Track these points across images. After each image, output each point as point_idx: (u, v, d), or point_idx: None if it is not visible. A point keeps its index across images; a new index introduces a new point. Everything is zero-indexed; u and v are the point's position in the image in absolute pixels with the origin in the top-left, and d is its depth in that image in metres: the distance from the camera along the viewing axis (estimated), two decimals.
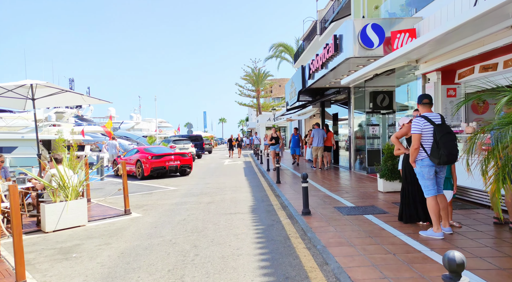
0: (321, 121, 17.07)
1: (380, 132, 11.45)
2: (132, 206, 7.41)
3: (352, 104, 12.31)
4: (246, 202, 7.37)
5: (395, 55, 6.27)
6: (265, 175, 12.21)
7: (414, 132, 4.06)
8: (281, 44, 32.46)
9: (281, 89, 71.65)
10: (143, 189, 10.03)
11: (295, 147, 13.89)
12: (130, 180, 12.34)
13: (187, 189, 9.76)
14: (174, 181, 11.82)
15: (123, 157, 14.17)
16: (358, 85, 11.87)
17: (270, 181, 10.23)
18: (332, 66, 8.95)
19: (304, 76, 12.37)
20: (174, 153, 13.17)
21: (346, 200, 6.83)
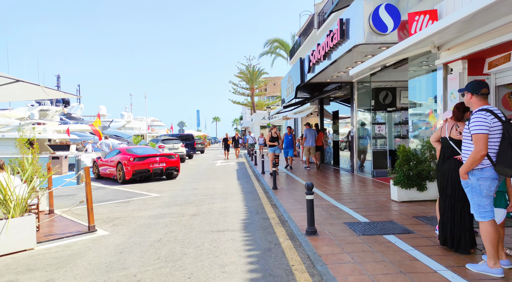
0: (319, 119, 16.00)
1: (387, 132, 10.38)
2: (101, 219, 6.21)
3: (356, 101, 11.23)
4: (237, 214, 6.22)
5: (415, 40, 5.15)
6: (259, 179, 11.07)
7: (479, 132, 2.93)
8: (276, 40, 31.32)
9: (276, 88, 70.59)
10: (120, 196, 8.82)
11: (288, 149, 12.67)
12: (110, 185, 11.11)
13: (171, 196, 8.57)
14: (159, 185, 10.61)
15: (103, 159, 12.91)
16: (362, 80, 10.79)
17: (266, 187, 9.10)
18: (337, 56, 7.84)
19: (302, 70, 11.25)
20: (159, 154, 11.96)
21: (356, 212, 5.72)
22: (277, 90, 68.86)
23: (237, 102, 53.62)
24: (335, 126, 14.22)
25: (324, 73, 9.71)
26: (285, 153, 12.69)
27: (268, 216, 6.04)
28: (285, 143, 12.40)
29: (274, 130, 11.50)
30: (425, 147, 6.36)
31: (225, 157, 21.99)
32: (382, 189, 7.90)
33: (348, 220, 5.24)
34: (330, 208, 6.15)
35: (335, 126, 14.20)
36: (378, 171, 9.93)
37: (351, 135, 11.48)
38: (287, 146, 12.50)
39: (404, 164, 6.38)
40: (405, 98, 12.94)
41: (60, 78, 47.41)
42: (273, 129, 11.48)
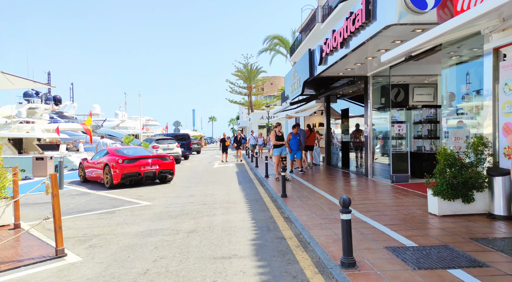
0: (325, 118, 14.89)
1: (406, 132, 9.28)
2: (76, 238, 5.02)
3: (371, 97, 10.12)
4: (244, 232, 5.07)
5: (468, 18, 4.06)
6: (263, 183, 9.92)
7: None
8: (276, 36, 30.20)
9: (273, 87, 69.56)
10: (105, 204, 7.61)
11: (296, 151, 11.46)
12: (96, 190, 9.90)
13: (164, 205, 7.39)
14: (150, 191, 9.42)
15: (90, 160, 11.67)
16: (378, 74, 9.69)
17: (273, 194, 7.95)
18: (358, 42, 6.71)
19: (312, 62, 10.12)
20: (152, 155, 10.75)
21: (392, 230, 4.60)
22: (274, 90, 67.85)
23: (234, 102, 52.49)
24: (344, 126, 13.11)
25: (338, 64, 8.59)
26: (292, 155, 11.45)
27: (283, 234, 4.88)
28: (293, 145, 11.22)
29: (278, 128, 10.33)
30: (472, 148, 5.25)
31: (222, 158, 19.94)
32: (410, 198, 6.79)
33: (389, 243, 4.11)
34: (359, 224, 5.02)
35: (345, 125, 13.10)
36: (398, 176, 8.84)
37: (365, 135, 10.38)
38: (295, 148, 11.32)
39: (446, 169, 5.27)
40: (419, 96, 11.92)
41: (50, 75, 45.77)
42: (278, 127, 10.30)
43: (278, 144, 9.86)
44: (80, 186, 10.92)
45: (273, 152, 10.16)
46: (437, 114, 9.39)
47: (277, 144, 9.84)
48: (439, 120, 9.64)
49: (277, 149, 9.90)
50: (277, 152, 9.90)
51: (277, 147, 9.89)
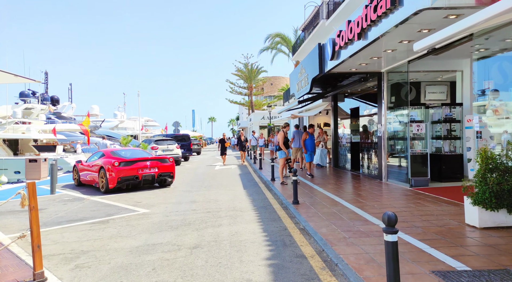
0: (332, 118, 14.21)
1: (425, 132, 8.59)
2: (61, 256, 4.32)
3: (385, 95, 9.44)
4: (257, 247, 4.38)
5: None
6: (270, 187, 9.22)
7: None
8: (278, 34, 29.52)
9: (273, 88, 68.93)
10: (98, 212, 6.91)
11: (312, 152, 10.78)
12: (90, 195, 9.20)
13: (163, 212, 6.69)
14: (149, 196, 8.72)
15: (84, 163, 10.97)
16: (394, 70, 9.02)
17: (282, 200, 7.25)
18: (380, 32, 6.03)
19: (322, 58, 9.44)
20: (150, 157, 10.05)
21: (433, 248, 3.91)
22: (274, 90, 67.20)
23: (234, 102, 51.84)
24: (354, 125, 12.43)
25: (352, 59, 7.91)
26: (308, 157, 10.72)
27: (302, 251, 4.19)
28: (309, 146, 10.52)
29: (287, 129, 9.68)
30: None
31: (223, 162, 18.34)
32: (438, 205, 6.10)
33: (434, 265, 3.42)
34: None
35: (354, 125, 12.41)
36: (417, 180, 8.15)
37: (379, 136, 9.70)
38: (311, 149, 10.60)
39: (487, 173, 4.59)
40: (432, 94, 11.23)
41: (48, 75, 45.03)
42: (286, 128, 9.65)
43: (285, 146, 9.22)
44: (74, 190, 10.21)
45: (279, 154, 9.48)
46: (461, 112, 8.73)
47: (285, 146, 9.19)
48: (459, 119, 8.99)
49: (282, 152, 9.26)
50: (284, 154, 9.26)
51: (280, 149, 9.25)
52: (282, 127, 9.87)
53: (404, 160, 8.71)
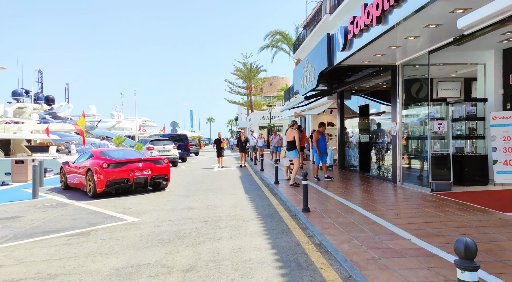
0: (339, 116, 13.39)
1: (447, 130, 7.78)
2: (22, 281, 3.47)
3: (400, 91, 8.63)
4: (266, 271, 3.54)
5: None
6: (275, 191, 8.38)
7: None
8: (278, 32, 28.71)
9: (272, 88, 68.23)
10: (81, 221, 6.05)
11: (325, 153, 9.85)
12: (76, 199, 8.34)
13: (154, 222, 5.84)
14: (140, 201, 7.86)
15: (72, 164, 10.10)
16: (412, 62, 8.20)
17: (290, 206, 6.41)
18: (404, 14, 5.21)
19: (331, 49, 8.62)
20: (143, 159, 9.19)
21: (491, 274, 3.08)
22: (273, 90, 66.44)
23: (233, 102, 51.06)
24: (363, 124, 11.62)
25: (367, 49, 7.09)
26: (318, 159, 9.79)
27: (324, 277, 3.35)
28: (321, 145, 9.66)
29: (295, 127, 8.93)
30: None
31: (218, 165, 16.30)
32: (472, 215, 5.27)
33: None
34: (430, 260, 3.49)
35: (363, 123, 11.60)
36: (439, 184, 7.33)
37: (393, 135, 8.88)
38: (324, 149, 9.73)
39: None
40: (444, 91, 10.48)
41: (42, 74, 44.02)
42: (295, 126, 8.90)
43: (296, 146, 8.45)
44: (60, 194, 9.35)
45: (293, 154, 8.71)
46: (485, 109, 7.93)
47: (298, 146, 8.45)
48: (482, 116, 8.19)
49: (292, 152, 8.47)
50: (297, 154, 8.56)
51: (291, 150, 8.46)
52: (290, 125, 9.07)
53: (422, 162, 7.90)
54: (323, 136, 9.73)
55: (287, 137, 8.86)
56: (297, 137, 8.60)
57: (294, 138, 8.65)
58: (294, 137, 8.69)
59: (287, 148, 8.92)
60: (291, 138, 8.67)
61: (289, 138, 8.78)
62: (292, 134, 8.65)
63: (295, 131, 8.71)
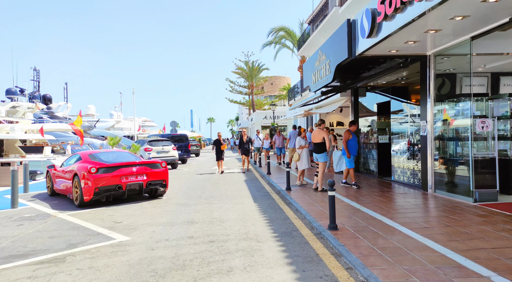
0: (352, 114, 12.31)
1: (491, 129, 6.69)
2: None
3: (432, 85, 7.55)
4: None
5: None
6: (288, 200, 7.29)
7: None
8: (282, 28, 27.62)
9: (273, 87, 67.30)
10: (59, 240, 4.97)
11: (356, 156, 8.66)
12: (61, 209, 7.27)
13: (147, 242, 4.76)
14: (133, 212, 6.77)
15: (58, 168, 9.02)
16: (446, 51, 7.12)
17: (311, 221, 5.32)
18: None
19: (352, 37, 7.53)
20: (138, 162, 8.10)
21: None
22: (275, 90, 65.45)
23: (234, 101, 50.01)
24: (382, 123, 10.53)
25: (401, 34, 6.01)
26: (350, 162, 8.41)
27: None
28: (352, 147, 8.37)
29: (322, 126, 7.96)
30: None
31: (218, 169, 13.99)
32: None
33: None
34: None
35: (382, 123, 10.52)
36: (483, 193, 6.25)
37: (422, 135, 7.80)
38: (355, 152, 8.44)
39: None
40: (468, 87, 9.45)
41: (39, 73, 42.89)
42: (322, 125, 7.93)
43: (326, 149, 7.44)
44: (43, 202, 8.27)
45: (322, 157, 7.69)
46: None
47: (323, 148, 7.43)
48: None
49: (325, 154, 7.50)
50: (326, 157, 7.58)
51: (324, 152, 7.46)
52: (316, 124, 8.04)
53: (456, 167, 6.82)
54: (354, 136, 8.49)
55: (315, 138, 7.81)
56: (327, 138, 7.54)
57: (324, 139, 7.58)
58: (323, 138, 7.64)
59: (315, 150, 7.88)
60: (320, 139, 7.62)
61: (317, 139, 7.72)
62: (321, 134, 7.62)
63: (324, 131, 7.68)
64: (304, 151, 8.64)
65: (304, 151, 8.63)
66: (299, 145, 8.61)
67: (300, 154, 8.52)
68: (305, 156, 8.59)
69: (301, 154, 8.56)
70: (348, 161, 8.26)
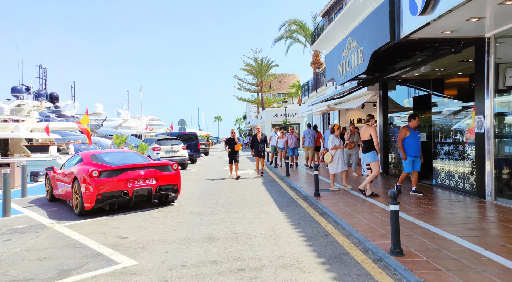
0: (380, 111, 11.14)
1: None
2: None
3: (492, 74, 6.38)
4: None
5: None
6: (319, 207, 6.20)
7: None
8: (295, 21, 26.43)
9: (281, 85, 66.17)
10: (49, 264, 3.97)
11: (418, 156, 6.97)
12: (58, 219, 6.31)
13: (159, 269, 3.73)
14: (142, 224, 5.77)
15: (58, 170, 8.07)
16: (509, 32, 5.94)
17: (364, 242, 4.24)
18: None
19: (395, 16, 6.39)
20: (146, 164, 7.09)
21: None
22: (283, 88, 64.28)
23: (242, 99, 49.00)
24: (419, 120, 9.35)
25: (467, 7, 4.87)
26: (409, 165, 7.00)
27: None
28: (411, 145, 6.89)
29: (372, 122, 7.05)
30: None
31: (231, 174, 11.89)
32: None
33: None
34: None
35: (422, 119, 9.34)
36: None
37: (478, 132, 6.63)
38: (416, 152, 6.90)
39: None
40: None
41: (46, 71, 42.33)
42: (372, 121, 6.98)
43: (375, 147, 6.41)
44: (41, 209, 7.33)
45: (370, 157, 6.65)
46: None
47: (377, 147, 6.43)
48: None
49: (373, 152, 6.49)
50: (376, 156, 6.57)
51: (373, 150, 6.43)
52: (365, 121, 6.96)
53: None
54: (413, 133, 7.01)
55: (363, 135, 6.74)
56: (374, 135, 6.48)
57: (371, 136, 6.50)
58: (370, 135, 6.58)
59: (363, 150, 6.80)
60: (367, 136, 6.58)
61: (364, 136, 6.69)
62: (368, 131, 6.59)
63: (371, 127, 6.61)
64: (338, 152, 7.55)
65: (338, 152, 7.54)
66: (333, 144, 7.52)
67: (333, 155, 7.43)
68: (339, 158, 7.50)
69: (334, 155, 7.47)
70: (404, 163, 7.01)
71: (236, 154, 11.43)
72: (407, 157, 6.93)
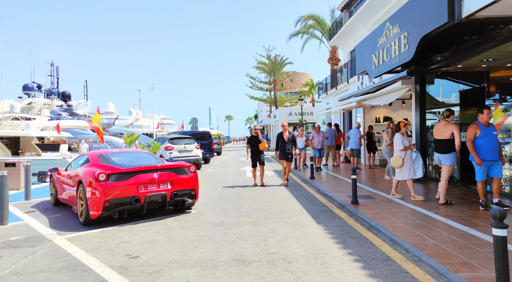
0: (418, 108, 10.02)
1: None
2: None
3: None
4: None
5: None
6: (362, 219, 5.21)
7: None
8: (311, 16, 25.32)
9: (293, 84, 65.06)
10: None
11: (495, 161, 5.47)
12: (60, 229, 5.49)
13: None
14: (155, 238, 4.87)
15: (63, 172, 7.26)
16: None
17: (445, 274, 3.24)
18: None
19: None
20: (160, 166, 6.20)
21: None
22: (295, 86, 63.15)
23: (254, 98, 48.12)
24: (467, 117, 8.25)
25: None
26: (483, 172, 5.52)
27: None
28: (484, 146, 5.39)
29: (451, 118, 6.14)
30: None
31: (254, 180, 9.93)
32: None
33: None
34: None
35: (467, 116, 8.23)
36: None
37: None
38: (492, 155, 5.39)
39: None
40: None
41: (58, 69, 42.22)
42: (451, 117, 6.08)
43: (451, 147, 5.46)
44: (43, 215, 6.53)
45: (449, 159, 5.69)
46: None
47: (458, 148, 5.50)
48: None
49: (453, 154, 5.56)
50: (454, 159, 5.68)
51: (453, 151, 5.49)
52: (444, 117, 5.96)
53: None
54: (486, 130, 5.46)
55: (440, 134, 5.75)
56: (457, 133, 5.45)
57: (453, 135, 5.49)
58: (452, 134, 5.69)
59: (439, 149, 5.81)
60: (448, 135, 5.57)
61: (444, 134, 5.70)
62: (450, 129, 5.58)
63: (453, 125, 5.60)
64: (408, 155, 6.46)
65: (408, 155, 6.46)
66: (403, 145, 6.44)
67: (403, 159, 6.37)
68: (409, 162, 6.44)
69: (404, 158, 6.42)
70: (477, 170, 5.52)
71: (261, 155, 9.67)
72: (482, 160, 5.44)
